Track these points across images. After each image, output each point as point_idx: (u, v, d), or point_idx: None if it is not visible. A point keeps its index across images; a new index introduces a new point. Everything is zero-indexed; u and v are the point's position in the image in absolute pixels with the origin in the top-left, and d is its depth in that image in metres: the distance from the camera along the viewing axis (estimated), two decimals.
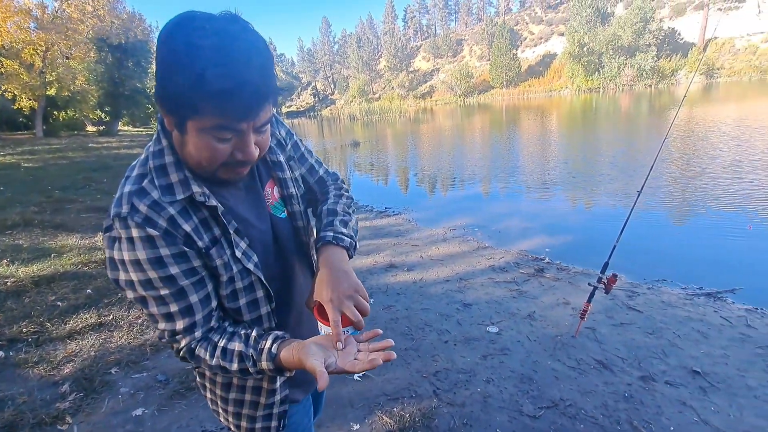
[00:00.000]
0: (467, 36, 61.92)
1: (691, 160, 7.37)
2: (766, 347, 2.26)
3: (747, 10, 38.28)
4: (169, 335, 0.71)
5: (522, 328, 2.57)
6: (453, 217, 5.31)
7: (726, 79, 31.79)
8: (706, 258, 3.67)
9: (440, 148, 12.66)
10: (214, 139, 0.62)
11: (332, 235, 0.80)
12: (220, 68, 0.55)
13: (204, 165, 0.66)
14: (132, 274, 0.65)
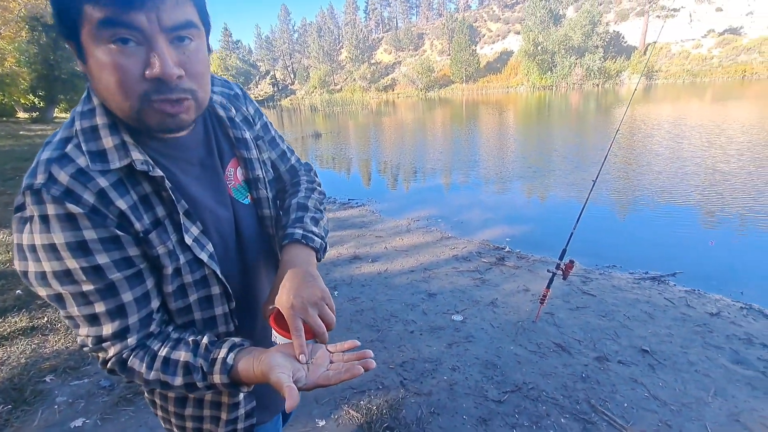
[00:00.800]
0: (428, 30, 62.41)
1: (636, 155, 7.87)
2: (704, 325, 2.45)
3: (681, 19, 41.47)
4: (93, 342, 0.56)
5: (485, 315, 2.61)
6: (416, 209, 5.33)
7: (663, 81, 34.33)
8: (651, 245, 3.93)
9: (403, 141, 12.71)
10: (111, 49, 0.48)
11: (301, 233, 0.70)
12: None
13: (119, 105, 0.51)
14: (44, 264, 0.51)
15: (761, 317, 2.56)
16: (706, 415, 1.77)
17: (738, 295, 2.86)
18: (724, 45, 36.06)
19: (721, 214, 4.56)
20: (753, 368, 2.07)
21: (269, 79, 76.42)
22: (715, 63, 34.53)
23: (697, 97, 20.02)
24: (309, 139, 14.79)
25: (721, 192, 5.21)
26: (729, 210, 4.62)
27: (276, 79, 75.50)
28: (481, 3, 67.31)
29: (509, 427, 1.73)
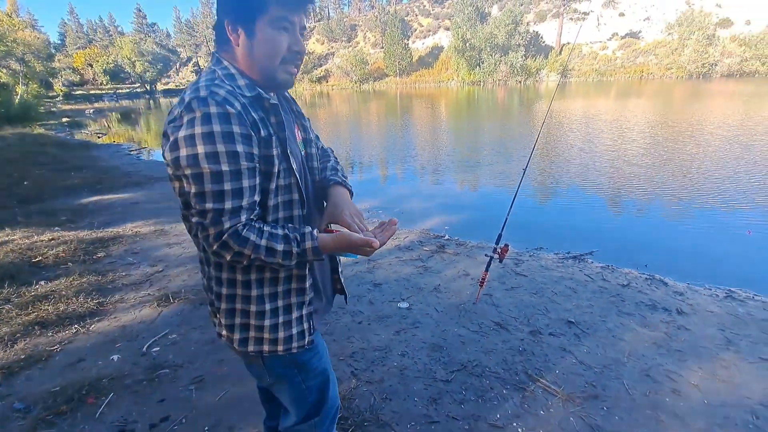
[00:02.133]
0: (361, 22, 62.08)
1: (556, 146, 8.60)
2: (617, 295, 2.77)
3: (590, 22, 45.78)
4: (213, 215, 0.75)
5: (430, 300, 2.71)
6: (357, 201, 5.31)
7: (576, 79, 37.76)
8: (571, 227, 4.33)
9: (340, 133, 12.59)
10: (277, 30, 0.80)
11: (341, 179, 1.03)
12: None
13: (268, 64, 0.82)
14: (199, 147, 0.72)
15: (661, 285, 2.96)
16: (624, 373, 2.01)
17: (643, 268, 3.27)
18: (625, 47, 40.52)
19: (628, 197, 5.16)
20: (657, 330, 2.39)
21: (192, 65, 71.01)
22: (619, 63, 38.68)
23: (604, 95, 22.32)
24: None
25: (628, 178, 5.89)
26: (635, 193, 5.25)
27: (199, 66, 70.33)
28: None
29: (457, 404, 1.82)
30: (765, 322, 2.47)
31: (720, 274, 3.19)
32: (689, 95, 19.31)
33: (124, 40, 56.77)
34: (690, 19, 33.93)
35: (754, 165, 6.24)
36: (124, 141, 12.83)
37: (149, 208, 5.08)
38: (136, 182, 6.50)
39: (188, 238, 4.02)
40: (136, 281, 3.06)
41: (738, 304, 2.69)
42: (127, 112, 26.49)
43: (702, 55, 32.31)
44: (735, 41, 33.44)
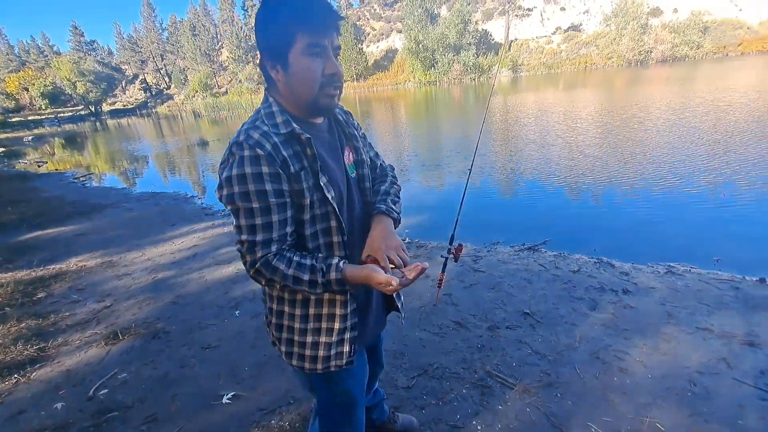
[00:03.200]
0: None
1: (509, 139, 8.88)
2: (568, 282, 2.89)
3: (534, 18, 47.77)
4: (248, 246, 0.86)
5: None
6: None
7: (526, 74, 39.23)
8: (526, 219, 4.49)
9: None
10: (310, 56, 0.84)
11: (385, 207, 1.05)
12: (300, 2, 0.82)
13: (308, 92, 0.88)
14: (235, 187, 0.83)
15: (609, 267, 3.11)
16: (575, 358, 2.10)
17: (592, 252, 3.43)
18: (569, 40, 42.53)
19: (579, 184, 5.40)
20: (606, 311, 2.51)
21: (139, 83, 68.10)
22: (564, 56, 40.53)
23: (553, 87, 23.31)
24: (194, 148, 13.57)
25: (578, 166, 6.17)
26: (585, 180, 5.51)
27: (147, 83, 67.59)
28: (362, 1, 68.77)
29: (419, 409, 1.84)
30: (700, 293, 2.65)
31: (662, 251, 3.39)
32: (630, 82, 20.52)
33: (62, 60, 53.66)
34: (624, 9, 36.08)
35: (692, 145, 6.71)
36: (69, 167, 12.09)
37: (96, 239, 4.81)
38: (82, 212, 6.14)
39: (139, 267, 3.84)
40: (81, 320, 2.88)
41: (677, 278, 2.87)
42: (71, 137, 25.02)
43: (638, 43, 34.43)
44: (666, 29, 35.88)
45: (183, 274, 3.64)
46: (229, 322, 2.72)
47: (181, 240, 4.57)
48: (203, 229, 4.88)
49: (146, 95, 65.38)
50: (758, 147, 6.14)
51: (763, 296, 2.55)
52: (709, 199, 4.48)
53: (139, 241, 4.63)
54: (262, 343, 2.41)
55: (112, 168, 11.68)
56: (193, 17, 67.15)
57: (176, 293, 3.27)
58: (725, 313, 2.41)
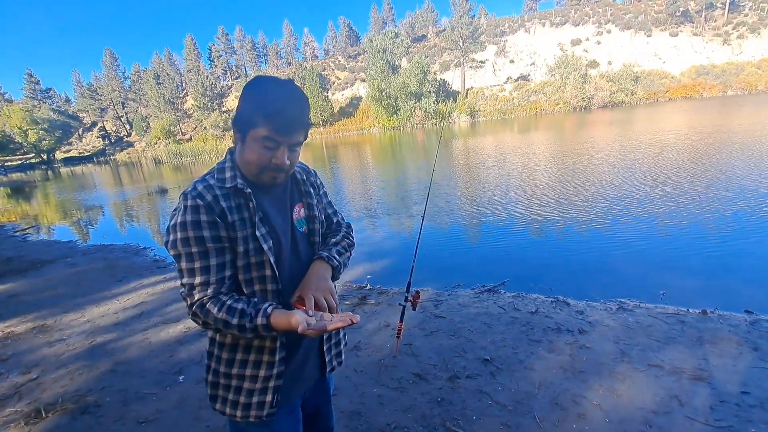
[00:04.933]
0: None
1: (469, 182, 9.21)
2: (527, 324, 2.90)
3: (488, 69, 51.65)
4: (187, 289, 0.92)
5: (349, 362, 2.60)
6: None
7: (483, 119, 41.69)
8: (485, 260, 4.55)
9: None
10: (261, 146, 0.94)
11: (327, 255, 1.10)
12: (274, 99, 0.92)
13: (252, 167, 0.97)
14: (177, 233, 0.91)
15: (565, 306, 3.17)
16: (535, 406, 2.06)
17: (549, 291, 3.50)
18: (519, 89, 46.01)
19: (534, 225, 5.61)
20: (563, 353, 2.51)
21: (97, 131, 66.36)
22: (516, 103, 43.63)
23: (508, 130, 24.82)
24: (152, 196, 13.10)
25: (533, 206, 6.44)
26: (540, 221, 5.72)
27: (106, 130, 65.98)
28: (327, 53, 72.08)
29: None
30: (650, 328, 2.73)
31: (613, 287, 3.52)
32: (577, 126, 22.21)
33: (13, 108, 51.70)
34: (566, 62, 39.77)
35: (636, 183, 7.21)
36: (11, 219, 11.28)
37: (29, 300, 4.40)
38: (18, 269, 5.65)
39: (76, 331, 3.52)
40: (0, 397, 2.55)
41: (628, 314, 2.96)
42: (19, 187, 23.62)
43: (580, 91, 37.73)
44: (603, 78, 39.70)
45: (125, 336, 3.36)
46: (171, 390, 2.49)
47: (127, 297, 4.26)
48: (153, 284, 4.59)
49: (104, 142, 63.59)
50: (693, 184, 6.69)
51: (706, 328, 2.66)
52: (654, 234, 4.76)
53: (79, 300, 4.27)
54: (207, 413, 2.21)
55: (60, 219, 10.99)
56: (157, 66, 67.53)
57: (115, 359, 3.00)
58: (674, 347, 2.47)
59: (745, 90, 37.12)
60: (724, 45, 45.16)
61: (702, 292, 3.32)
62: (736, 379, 2.13)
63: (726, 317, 2.80)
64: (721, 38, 45.70)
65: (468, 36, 47.51)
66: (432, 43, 59.09)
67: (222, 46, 71.78)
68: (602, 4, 56.45)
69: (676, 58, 45.72)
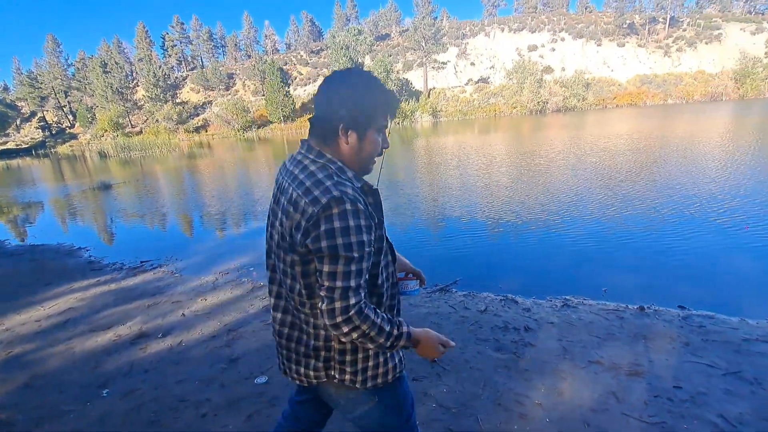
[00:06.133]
0: (238, 70, 61.20)
1: (427, 182, 9.26)
2: (476, 323, 2.90)
3: (450, 70, 52.62)
4: (341, 292, 0.91)
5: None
6: (228, 260, 4.88)
7: (445, 119, 42.41)
8: (439, 260, 4.55)
9: (219, 184, 11.79)
10: (377, 134, 1.05)
11: None
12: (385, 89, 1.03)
13: (368, 159, 1.07)
14: (339, 239, 0.90)
15: (513, 304, 3.20)
16: (479, 408, 2.03)
17: (499, 290, 3.53)
18: (479, 91, 47.19)
19: (487, 224, 5.69)
20: (508, 351, 2.52)
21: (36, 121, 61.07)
22: (476, 104, 44.70)
23: (469, 131, 25.36)
24: (96, 192, 12.14)
25: (490, 206, 6.55)
26: (492, 219, 5.82)
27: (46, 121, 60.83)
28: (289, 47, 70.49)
29: None
30: (592, 325, 2.80)
31: (560, 284, 3.61)
32: (533, 128, 23.07)
33: None
34: (522, 67, 41.27)
35: (586, 183, 7.53)
36: None
37: None
38: None
39: None
40: None
41: (572, 311, 3.03)
42: None
43: (536, 95, 39.28)
44: (557, 83, 41.58)
45: (46, 346, 3.03)
46: (92, 406, 2.25)
47: (53, 303, 3.87)
48: (85, 288, 4.21)
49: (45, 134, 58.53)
50: (641, 185, 7.08)
51: (643, 324, 2.77)
52: (601, 232, 4.96)
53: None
54: (128, 428, 2.01)
55: None
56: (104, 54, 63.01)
57: (32, 372, 2.69)
58: (613, 344, 2.55)
59: (683, 99, 40.21)
60: (665, 57, 48.71)
61: (641, 288, 3.47)
62: (669, 374, 2.21)
63: (661, 313, 2.93)
64: (663, 50, 49.27)
65: (430, 37, 48.14)
66: (395, 43, 59.34)
67: (177, 35, 68.15)
68: (557, 13, 59.18)
69: (623, 67, 48.74)
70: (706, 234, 4.65)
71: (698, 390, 2.06)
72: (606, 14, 56.39)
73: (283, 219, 0.97)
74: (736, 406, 1.93)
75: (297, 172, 0.99)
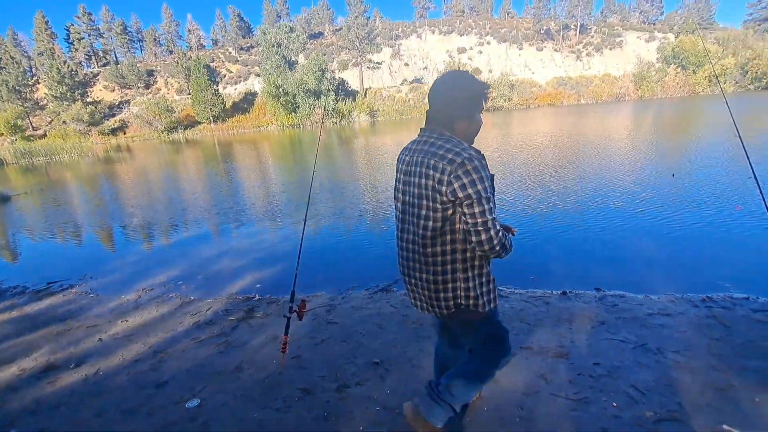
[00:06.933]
0: (159, 67, 56.60)
1: (364, 181, 9.28)
2: (416, 321, 2.95)
3: (385, 70, 53.30)
4: (492, 221, 1.31)
5: (228, 386, 2.33)
6: (152, 275, 4.48)
7: (382, 118, 42.91)
8: (381, 258, 4.57)
9: (141, 191, 10.80)
10: (479, 115, 1.45)
11: None
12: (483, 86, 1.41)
13: (475, 134, 1.47)
14: (478, 185, 1.29)
15: None
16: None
17: None
18: (414, 91, 48.39)
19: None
20: None
21: None
22: (411, 104, 45.81)
23: (405, 130, 25.88)
24: None
25: None
26: None
27: None
28: (216, 44, 66.72)
29: None
30: (522, 312, 2.99)
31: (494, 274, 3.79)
32: None
33: None
34: (452, 68, 43.03)
35: (517, 177, 8.02)
36: None
37: None
38: None
39: None
40: None
41: (504, 300, 3.20)
42: None
43: None
44: None
45: None
46: None
47: None
48: None
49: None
50: (564, 179, 7.70)
51: (565, 308, 3.00)
52: (529, 222, 5.31)
53: None
54: None
55: None
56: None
57: None
58: (541, 329, 2.74)
59: (593, 99, 44.59)
60: (578, 60, 53.67)
61: (564, 274, 3.77)
62: (589, 352, 2.42)
63: (580, 295, 3.21)
64: (575, 55, 54.23)
65: (364, 37, 48.38)
66: (329, 41, 58.79)
67: (84, 27, 61.25)
68: (482, 17, 62.52)
69: (542, 70, 52.88)
70: (620, 221, 5.19)
71: (614, 364, 2.28)
72: (526, 20, 60.74)
73: (421, 181, 1.37)
74: (644, 376, 2.16)
75: (428, 147, 1.38)
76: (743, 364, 2.20)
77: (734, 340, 2.45)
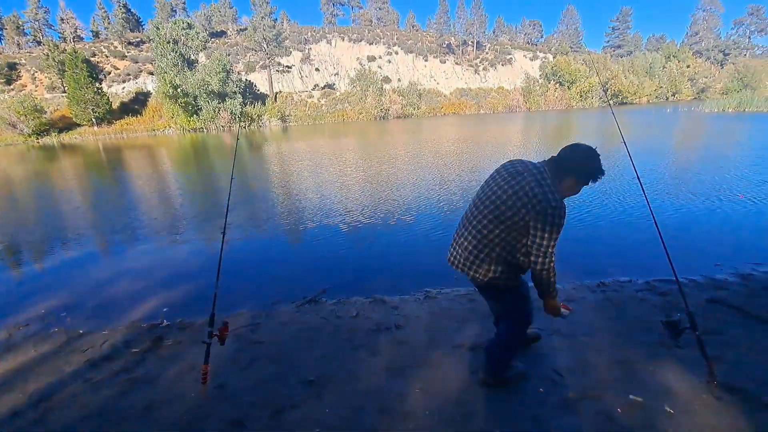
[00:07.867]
0: (24, 60, 47.81)
1: (280, 189, 8.91)
2: (350, 330, 2.87)
3: (295, 74, 52.16)
4: (551, 253, 1.79)
5: (138, 431, 1.99)
6: (24, 308, 3.68)
7: (294, 124, 41.85)
8: (304, 269, 4.38)
9: (5, 207, 8.91)
10: (581, 186, 1.86)
11: None
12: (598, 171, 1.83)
13: (569, 194, 1.87)
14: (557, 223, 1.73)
15: (382, 304, 3.29)
16: (364, 420, 2.00)
17: (368, 292, 3.59)
18: (326, 96, 48.15)
19: (348, 228, 5.77)
20: (385, 354, 2.57)
21: None
22: (324, 110, 45.51)
23: (318, 135, 25.55)
24: None
25: (347, 210, 6.65)
26: (354, 222, 5.93)
27: None
28: (97, 36, 58.73)
29: None
30: (450, 311, 3.09)
31: (421, 278, 3.86)
32: (379, 133, 24.71)
33: None
34: (364, 75, 43.92)
35: (428, 181, 8.35)
36: None
37: None
38: None
39: None
40: None
41: (433, 302, 3.29)
42: None
43: (378, 102, 42.31)
44: (395, 93, 45.65)
45: None
46: None
47: None
48: None
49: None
50: (470, 180, 8.23)
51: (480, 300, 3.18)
52: (447, 222, 5.56)
53: None
54: None
55: None
56: None
57: None
58: (470, 325, 2.86)
59: (491, 110, 49.07)
60: (476, 74, 58.62)
61: None
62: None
63: None
64: (474, 69, 59.19)
65: (272, 39, 46.82)
66: (233, 41, 55.65)
67: None
68: (390, 28, 64.91)
69: (446, 81, 56.69)
70: None
71: (536, 352, 2.47)
72: (429, 34, 64.63)
73: (509, 196, 1.81)
74: (562, 359, 2.38)
75: (534, 178, 1.79)
76: (636, 339, 2.55)
77: (626, 319, 2.83)
